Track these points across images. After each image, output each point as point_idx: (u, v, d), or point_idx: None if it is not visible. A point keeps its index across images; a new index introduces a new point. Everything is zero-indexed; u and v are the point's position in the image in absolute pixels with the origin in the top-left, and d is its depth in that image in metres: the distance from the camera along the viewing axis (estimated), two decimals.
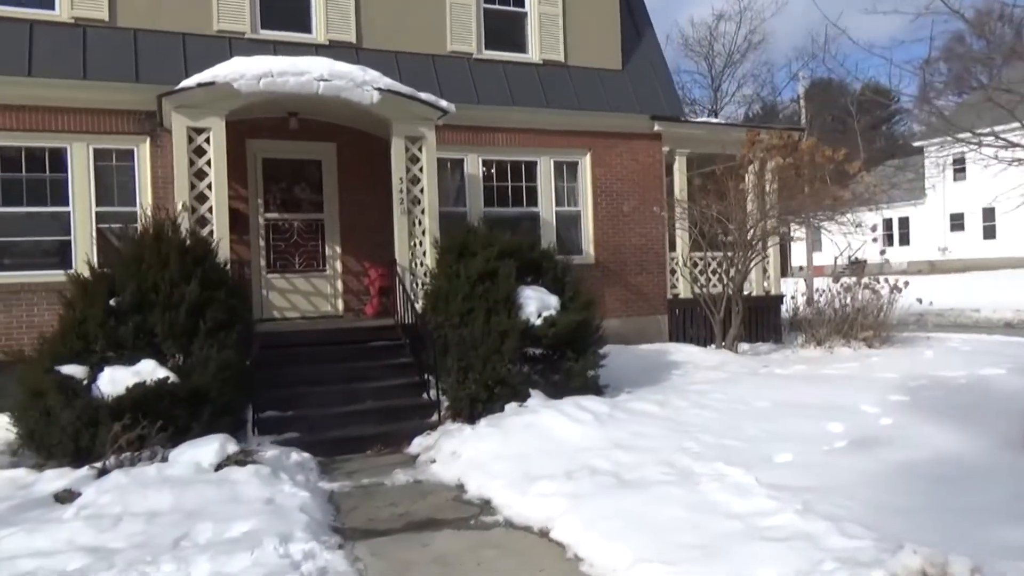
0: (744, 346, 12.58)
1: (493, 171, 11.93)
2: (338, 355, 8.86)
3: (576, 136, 12.25)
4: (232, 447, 5.95)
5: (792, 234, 13.32)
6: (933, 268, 38.85)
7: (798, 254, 40.43)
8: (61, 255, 9.36)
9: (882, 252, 12.80)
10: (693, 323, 12.96)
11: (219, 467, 5.78)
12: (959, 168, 39.97)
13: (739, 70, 30.77)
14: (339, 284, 10.88)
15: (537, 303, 7.94)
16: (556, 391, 7.93)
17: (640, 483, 5.38)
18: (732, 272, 11.78)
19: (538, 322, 7.78)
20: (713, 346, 12.12)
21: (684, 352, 11.23)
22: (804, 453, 6.12)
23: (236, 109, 8.72)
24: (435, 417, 8.06)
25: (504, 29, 12.10)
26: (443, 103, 9.41)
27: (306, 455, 6.80)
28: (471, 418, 7.63)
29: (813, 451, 6.19)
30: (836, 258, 13.63)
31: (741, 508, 4.65)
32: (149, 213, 8.87)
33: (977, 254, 38.32)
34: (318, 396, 8.19)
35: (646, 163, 12.80)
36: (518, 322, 7.59)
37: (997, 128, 9.13)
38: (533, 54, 12.17)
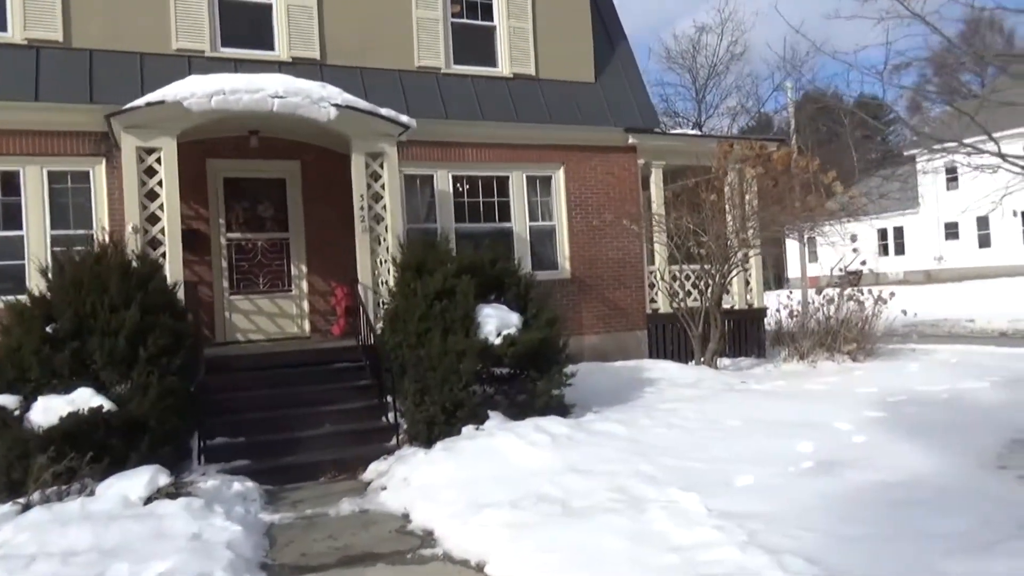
0: (725, 361, 12.29)
1: (464, 187, 11.71)
2: (298, 378, 8.58)
3: (549, 150, 12.04)
4: (164, 479, 5.66)
5: (785, 245, 13.04)
6: (929, 278, 38.60)
7: (794, 265, 40.28)
8: (15, 280, 9.11)
9: (863, 263, 12.51)
10: (673, 338, 12.68)
11: (148, 500, 5.49)
12: (952, 177, 39.78)
13: (724, 82, 30.67)
14: (305, 304, 10.62)
15: (497, 321, 7.67)
16: (519, 412, 7.65)
17: (587, 512, 5.08)
18: (710, 286, 11.51)
19: (497, 341, 7.51)
20: (693, 362, 11.83)
21: (661, 369, 10.94)
22: (767, 475, 5.82)
23: (188, 128, 8.50)
24: (394, 441, 7.78)
25: (473, 43, 11.93)
26: (403, 118, 9.19)
27: (250, 484, 6.51)
28: (428, 442, 7.34)
29: (777, 473, 5.90)
30: (832, 269, 13.38)
31: (684, 540, 4.35)
32: (104, 236, 8.68)
33: (972, 263, 38.07)
34: (274, 421, 7.90)
35: (622, 176, 12.57)
36: (475, 342, 7.31)
37: (994, 136, 8.87)
38: (503, 68, 11.98)
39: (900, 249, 42.48)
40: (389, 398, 8.01)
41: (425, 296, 7.55)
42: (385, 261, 9.03)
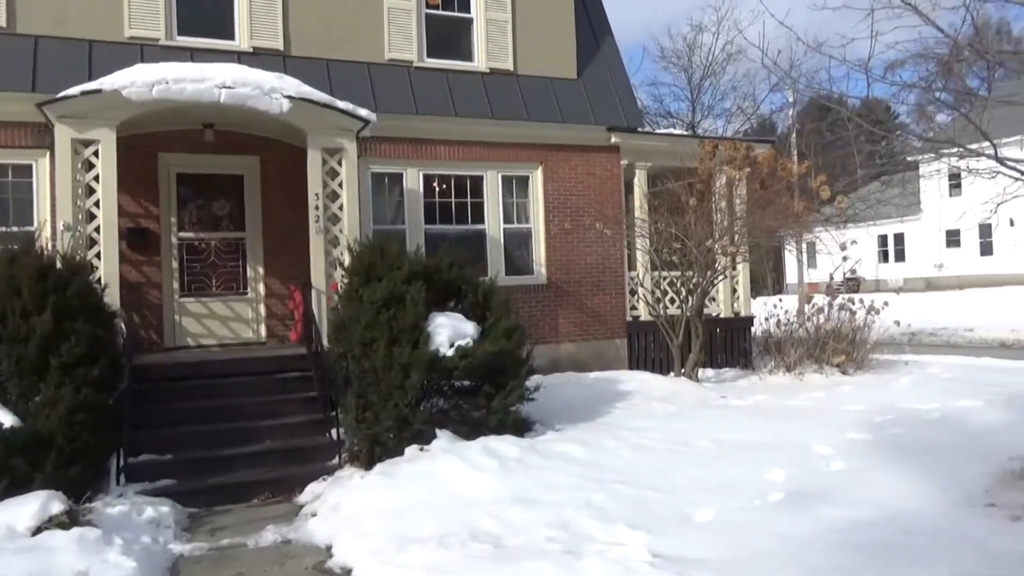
0: (709, 372, 11.72)
1: (436, 186, 11.15)
2: (244, 388, 8.05)
3: (526, 148, 11.47)
4: (57, 506, 5.10)
5: (785, 250, 12.47)
6: (929, 285, 37.95)
7: (792, 271, 39.67)
8: None
9: (853, 271, 11.92)
10: (654, 348, 12.10)
11: (38, 531, 4.93)
12: (954, 184, 39.14)
13: (720, 82, 30.05)
14: (261, 308, 10.07)
15: (450, 331, 7.11)
16: (471, 430, 7.09)
17: (518, 552, 4.52)
18: (691, 294, 10.93)
19: (449, 353, 6.94)
20: (673, 373, 11.25)
21: (638, 381, 10.36)
22: (729, 509, 5.25)
23: (130, 119, 7.97)
24: (336, 460, 7.22)
25: (448, 36, 11.37)
26: (363, 112, 8.64)
27: (165, 510, 5.95)
28: (370, 462, 6.78)
29: (740, 506, 5.33)
30: (831, 275, 12.82)
31: None
32: (46, 233, 8.16)
33: (974, 271, 37.42)
34: (211, 435, 7.36)
35: (603, 177, 12.00)
36: (424, 353, 6.75)
37: (995, 141, 8.27)
38: (479, 62, 11.42)
39: (900, 256, 41.82)
40: (336, 412, 7.45)
41: (372, 303, 6.98)
42: (341, 264, 8.48)
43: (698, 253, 10.37)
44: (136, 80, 7.69)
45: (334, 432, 7.39)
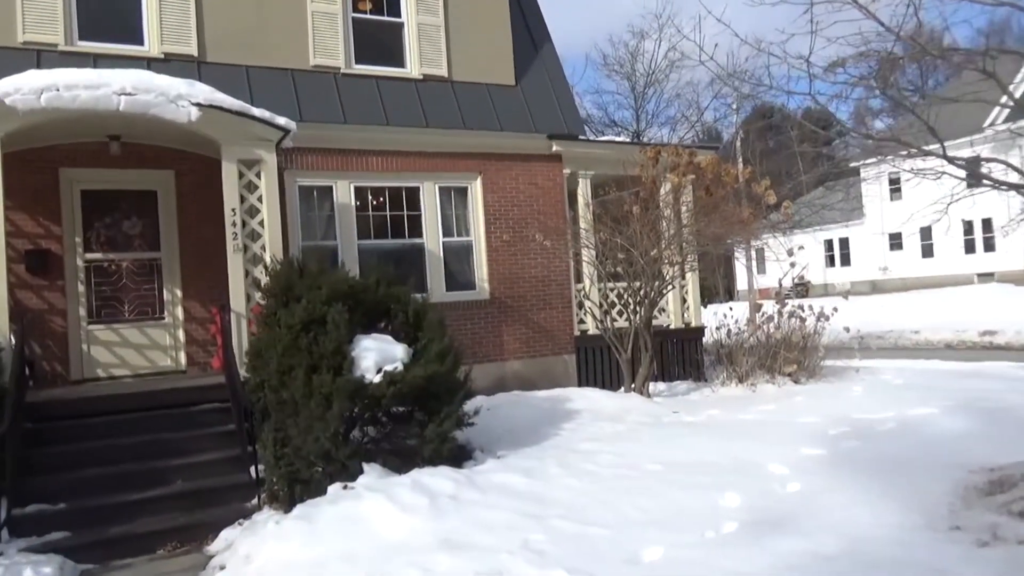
0: (660, 386, 11.33)
1: (369, 199, 10.56)
2: (154, 423, 7.32)
3: (464, 158, 10.96)
4: None
5: (735, 256, 12.17)
6: (874, 288, 38.57)
7: (742, 277, 39.92)
8: None
9: (801, 277, 11.70)
10: (603, 363, 11.67)
11: None
12: (895, 188, 39.95)
13: (663, 89, 29.99)
14: (180, 334, 9.33)
15: (377, 355, 6.52)
16: (404, 462, 6.51)
17: None
18: (639, 305, 10.53)
19: (376, 379, 6.36)
20: (623, 389, 10.82)
21: (586, 399, 9.89)
22: (680, 545, 4.78)
23: (18, 130, 7.21)
24: (256, 500, 6.56)
25: (378, 41, 10.83)
26: (280, 120, 8.02)
27: (48, 570, 5.22)
28: (291, 503, 6.15)
29: (692, 541, 4.86)
30: (780, 280, 12.57)
31: None
32: None
33: (916, 273, 38.17)
34: (114, 479, 6.62)
35: (546, 187, 11.57)
36: (347, 381, 6.15)
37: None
38: (412, 68, 10.90)
39: (846, 260, 42.49)
40: (254, 448, 6.79)
41: (289, 327, 6.37)
42: (258, 285, 7.83)
43: (644, 263, 9.98)
44: (22, 87, 6.96)
45: (254, 469, 6.73)
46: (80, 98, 7.10)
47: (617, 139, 13.08)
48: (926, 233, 38.30)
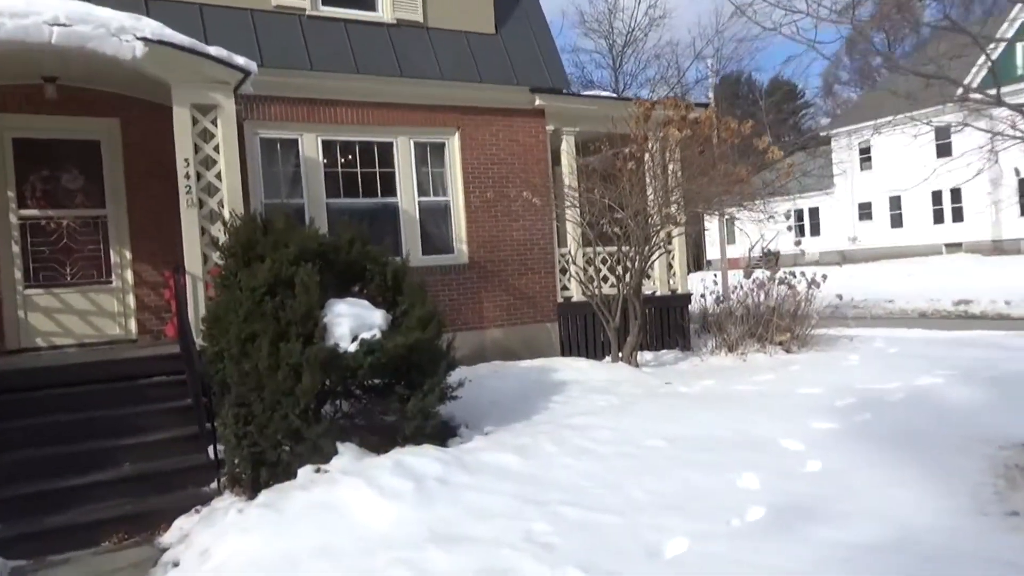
0: (647, 355, 10.78)
1: (338, 155, 9.72)
2: (99, 398, 6.53)
3: (440, 112, 10.16)
4: None
5: (705, 225, 11.58)
6: (844, 258, 38.59)
7: (713, 247, 39.68)
8: None
9: (797, 243, 11.25)
10: (588, 330, 11.07)
11: None
12: (865, 157, 39.90)
13: (642, 49, 29.16)
14: (130, 299, 8.46)
15: (353, 322, 5.80)
16: (383, 440, 5.84)
17: None
18: (628, 270, 9.91)
19: (352, 348, 5.64)
20: (609, 358, 10.25)
21: (573, 369, 9.30)
22: (704, 536, 4.20)
23: None
24: (215, 484, 5.85)
25: None
26: (239, 60, 7.15)
27: None
28: (255, 488, 5.45)
29: (717, 531, 4.28)
30: (750, 249, 12.08)
31: None
32: None
33: (885, 243, 38.27)
34: (53, 461, 5.85)
35: (528, 144, 10.83)
36: (319, 350, 5.43)
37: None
38: (384, 12, 10.01)
39: (816, 230, 42.45)
40: (213, 425, 6.05)
41: (252, 290, 5.60)
42: (216, 244, 7.01)
43: (635, 225, 9.33)
44: None
45: (213, 450, 6.00)
46: (5, 27, 6.15)
47: (602, 94, 12.34)
48: (895, 203, 38.36)
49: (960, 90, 8.36)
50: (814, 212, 42.40)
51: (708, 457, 5.71)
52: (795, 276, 11.58)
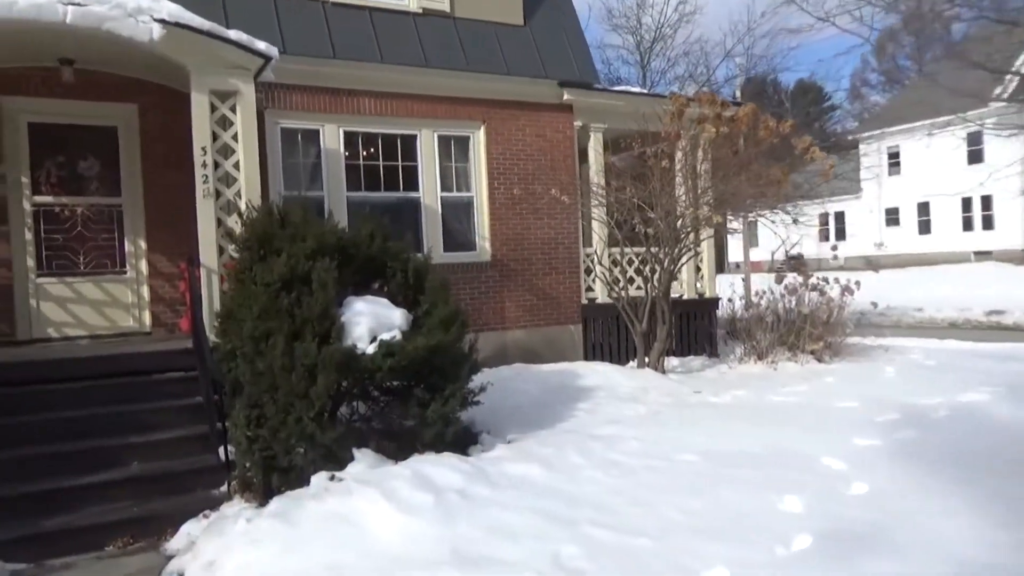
0: (673, 361, 10.42)
1: (360, 147, 9.44)
2: (109, 393, 6.29)
3: (466, 104, 9.85)
4: None
5: (729, 226, 11.17)
6: (869, 264, 37.86)
7: (734, 249, 39.08)
8: None
9: (834, 247, 10.87)
10: (613, 333, 10.74)
11: None
12: (894, 162, 39.14)
13: (671, 46, 28.57)
14: (145, 291, 8.24)
15: (372, 321, 5.51)
16: (401, 446, 5.55)
17: None
18: (657, 272, 9.56)
19: (370, 349, 5.35)
20: (634, 363, 9.90)
21: (598, 374, 8.97)
22: (748, 564, 3.87)
23: None
24: (225, 487, 5.58)
25: None
26: (260, 44, 6.88)
27: None
28: (266, 493, 5.18)
29: (761, 558, 3.95)
30: (773, 253, 11.67)
31: None
32: None
33: (913, 249, 37.53)
34: (57, 460, 5.62)
35: (555, 139, 10.50)
36: (335, 351, 5.14)
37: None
38: (410, 1, 9.72)
39: (841, 234, 41.71)
40: (224, 425, 5.79)
41: (267, 285, 5.32)
42: (231, 236, 6.76)
43: (665, 225, 8.98)
44: None
45: (223, 451, 5.74)
46: (18, 5, 5.92)
47: (633, 89, 11.98)
48: (924, 209, 37.63)
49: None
50: (840, 216, 41.70)
51: (745, 474, 5.36)
52: (827, 282, 11.17)
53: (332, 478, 4.98)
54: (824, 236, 41.91)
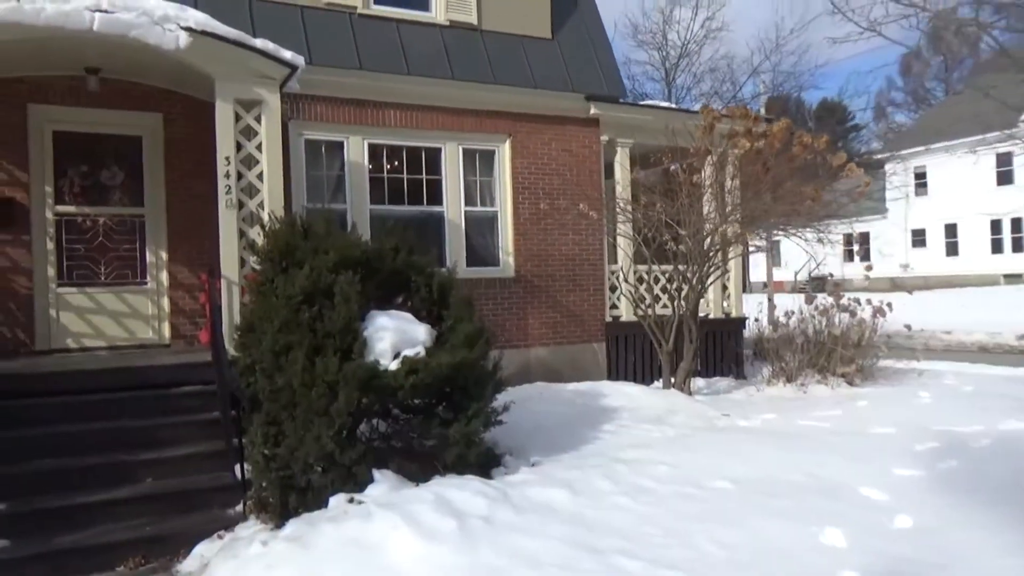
0: (699, 382, 10.16)
1: (384, 160, 9.34)
2: (125, 406, 6.17)
3: (492, 117, 9.73)
4: None
5: (755, 244, 10.91)
6: (894, 285, 37.26)
7: (756, 269, 38.64)
8: None
9: (868, 268, 10.56)
10: (637, 352, 10.50)
11: None
12: (920, 183, 38.62)
13: (696, 62, 28.36)
14: (165, 302, 8.15)
15: (395, 336, 5.35)
16: (422, 468, 5.37)
17: None
18: (685, 290, 9.33)
19: (393, 366, 5.18)
20: (659, 383, 9.66)
21: (623, 394, 8.73)
22: None
23: None
24: (240, 507, 5.42)
25: None
26: (287, 54, 6.79)
27: None
28: (283, 514, 5.01)
29: None
30: (796, 273, 11.42)
31: None
32: None
33: (939, 271, 36.91)
34: (69, 475, 5.48)
35: (581, 154, 10.34)
36: (358, 367, 4.97)
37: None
38: (437, 13, 9.63)
39: (866, 255, 41.15)
40: (240, 441, 5.63)
41: (288, 298, 5.18)
42: (253, 247, 6.64)
43: (694, 243, 8.76)
44: None
45: (240, 468, 5.58)
46: (45, 12, 5.87)
47: (662, 104, 11.81)
48: (951, 230, 37.05)
49: None
50: (864, 237, 41.14)
51: (782, 505, 5.11)
52: (859, 303, 10.87)
53: (351, 500, 4.80)
54: (848, 256, 41.42)
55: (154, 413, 6.18)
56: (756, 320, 11.97)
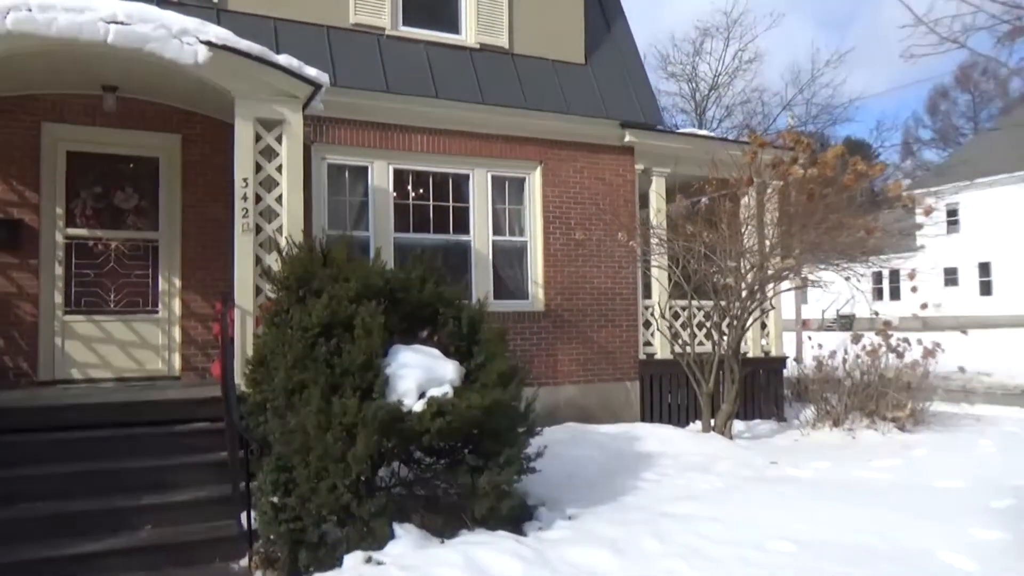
0: (739, 425, 9.52)
1: (409, 186, 8.93)
2: (127, 445, 5.72)
3: (522, 144, 9.31)
4: None
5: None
6: (925, 325, 36.23)
7: (785, 306, 37.77)
8: None
9: (923, 306, 9.97)
10: (672, 392, 9.90)
11: None
12: (952, 220, 37.78)
13: (727, 94, 27.96)
14: (176, 332, 7.71)
15: (421, 374, 4.84)
16: (447, 521, 4.82)
17: None
18: (726, 327, 8.76)
19: (417, 407, 4.67)
20: (695, 425, 9.05)
21: (659, 438, 8.13)
22: None
23: None
24: (246, 561, 4.88)
25: (430, 1, 9.24)
26: (310, 71, 6.42)
27: None
28: (292, 572, 4.47)
29: None
30: (824, 311, 10.83)
31: None
32: None
33: (972, 311, 35.84)
34: (60, 521, 4.99)
35: (614, 183, 9.87)
36: (378, 409, 4.46)
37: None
38: (467, 35, 9.29)
39: (895, 293, 40.16)
40: (247, 486, 5.11)
41: (304, 330, 4.70)
42: (268, 275, 6.18)
43: (739, 276, 8.21)
44: None
45: (246, 517, 5.05)
46: (58, 23, 5.54)
47: (700, 132, 11.35)
48: (984, 269, 36.09)
49: None
50: (894, 275, 40.19)
51: (855, 573, 4.50)
52: (908, 343, 10.22)
53: (369, 560, 4.25)
54: (878, 295, 40.45)
55: (158, 453, 5.70)
56: (796, 360, 11.34)
